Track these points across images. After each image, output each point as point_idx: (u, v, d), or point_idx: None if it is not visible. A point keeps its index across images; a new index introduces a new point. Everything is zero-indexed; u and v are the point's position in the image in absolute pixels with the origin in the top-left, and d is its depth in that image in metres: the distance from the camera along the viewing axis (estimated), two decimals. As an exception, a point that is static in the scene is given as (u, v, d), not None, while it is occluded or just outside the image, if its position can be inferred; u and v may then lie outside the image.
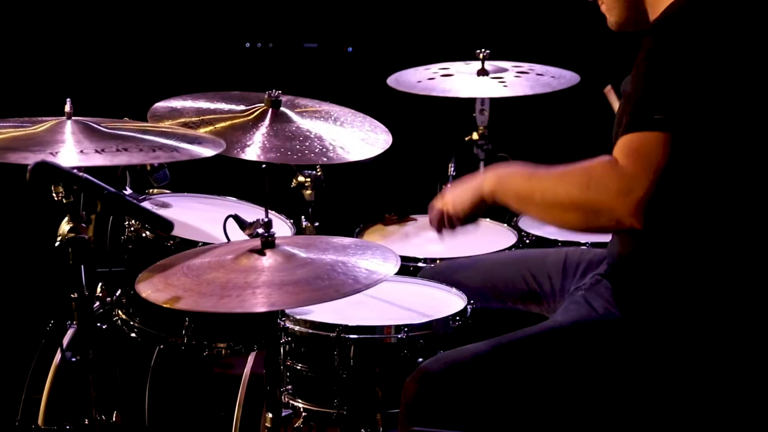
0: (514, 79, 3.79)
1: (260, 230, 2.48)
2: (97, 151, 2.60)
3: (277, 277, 2.37)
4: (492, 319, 2.93)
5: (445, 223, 2.66)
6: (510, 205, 2.50)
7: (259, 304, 2.29)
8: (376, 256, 2.52)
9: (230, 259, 2.45)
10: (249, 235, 2.59)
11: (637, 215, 2.26)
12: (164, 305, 2.33)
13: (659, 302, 2.50)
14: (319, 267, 2.43)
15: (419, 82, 3.76)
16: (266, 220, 2.49)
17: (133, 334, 3.15)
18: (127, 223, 3.15)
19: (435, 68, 3.88)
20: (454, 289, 2.97)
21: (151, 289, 2.40)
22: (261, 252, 2.45)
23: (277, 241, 2.47)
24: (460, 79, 3.78)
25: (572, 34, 4.61)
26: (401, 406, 2.58)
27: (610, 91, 3.57)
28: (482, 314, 2.90)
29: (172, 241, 3.02)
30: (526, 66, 3.89)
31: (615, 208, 2.28)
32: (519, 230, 3.50)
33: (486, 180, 2.54)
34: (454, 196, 2.63)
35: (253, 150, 2.99)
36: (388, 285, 3.00)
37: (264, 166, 2.59)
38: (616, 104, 3.54)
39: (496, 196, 2.52)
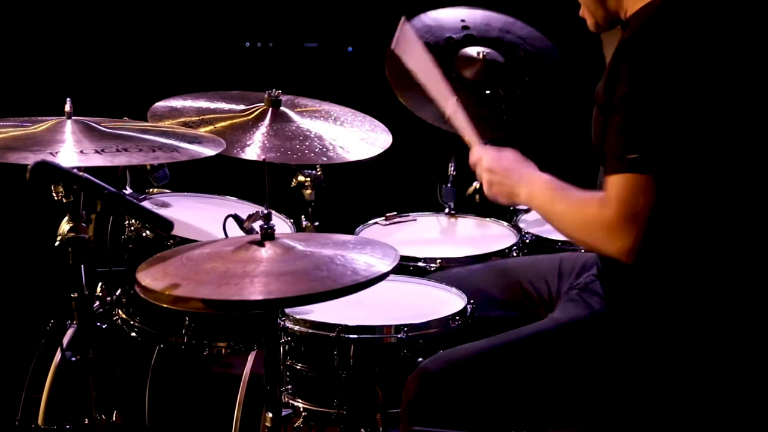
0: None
1: (257, 224, 2.47)
2: (97, 151, 2.60)
3: (275, 267, 2.37)
4: (491, 318, 2.93)
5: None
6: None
7: (256, 292, 2.27)
8: (376, 252, 2.52)
9: (229, 250, 2.45)
10: (246, 229, 2.58)
11: (625, 257, 2.39)
12: (162, 292, 2.31)
13: (650, 302, 2.52)
14: (318, 258, 2.42)
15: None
16: (265, 212, 2.48)
17: (133, 334, 3.15)
18: (127, 222, 3.15)
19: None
20: (454, 289, 2.97)
21: (150, 278, 2.38)
22: (260, 244, 2.45)
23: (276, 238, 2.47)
24: None
25: (572, 34, 4.61)
26: (402, 405, 2.58)
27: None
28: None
29: (172, 241, 3.03)
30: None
31: (606, 250, 2.43)
32: (519, 230, 3.50)
33: (520, 191, 2.66)
34: (493, 182, 2.72)
35: (253, 149, 2.99)
36: (389, 285, 2.99)
37: (263, 158, 2.58)
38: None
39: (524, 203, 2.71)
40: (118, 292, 3.18)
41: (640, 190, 2.36)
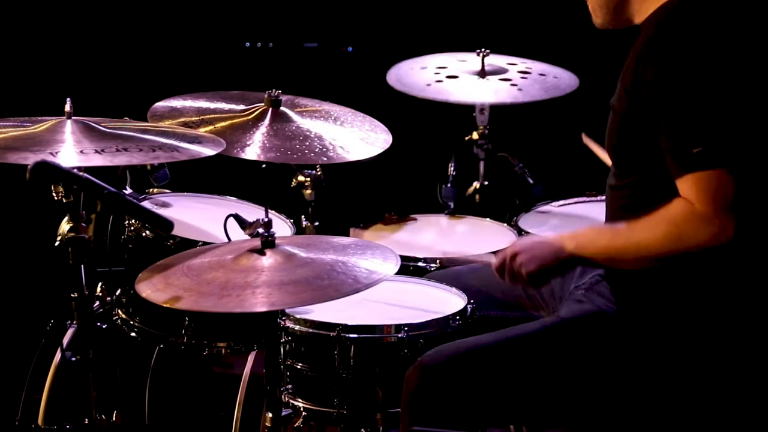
0: (521, 81, 3.77)
1: (260, 230, 2.48)
2: (97, 151, 2.60)
3: (277, 276, 2.37)
4: (491, 318, 2.93)
5: (508, 276, 2.64)
6: (595, 261, 2.57)
7: (259, 303, 2.28)
8: (376, 256, 2.52)
9: (230, 259, 2.45)
10: (249, 235, 2.59)
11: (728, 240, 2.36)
12: (164, 305, 2.33)
13: (658, 300, 2.51)
14: (319, 267, 2.42)
15: (428, 85, 3.73)
16: (266, 220, 2.48)
17: (133, 334, 3.15)
18: (127, 222, 3.15)
19: (433, 64, 3.85)
20: (454, 289, 2.97)
21: (151, 288, 2.39)
22: (261, 252, 2.45)
23: (277, 242, 2.47)
24: (465, 83, 3.75)
25: (572, 34, 4.61)
26: (403, 398, 2.58)
27: (588, 140, 3.51)
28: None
29: (172, 241, 3.03)
30: (527, 65, 3.88)
31: (713, 247, 2.37)
32: (519, 230, 3.50)
33: (564, 244, 2.56)
34: (525, 254, 2.60)
35: (253, 149, 2.99)
36: (389, 285, 2.99)
37: (264, 165, 2.58)
38: (596, 149, 3.46)
39: (577, 256, 2.55)
40: (118, 292, 3.18)
41: (729, 180, 2.34)
